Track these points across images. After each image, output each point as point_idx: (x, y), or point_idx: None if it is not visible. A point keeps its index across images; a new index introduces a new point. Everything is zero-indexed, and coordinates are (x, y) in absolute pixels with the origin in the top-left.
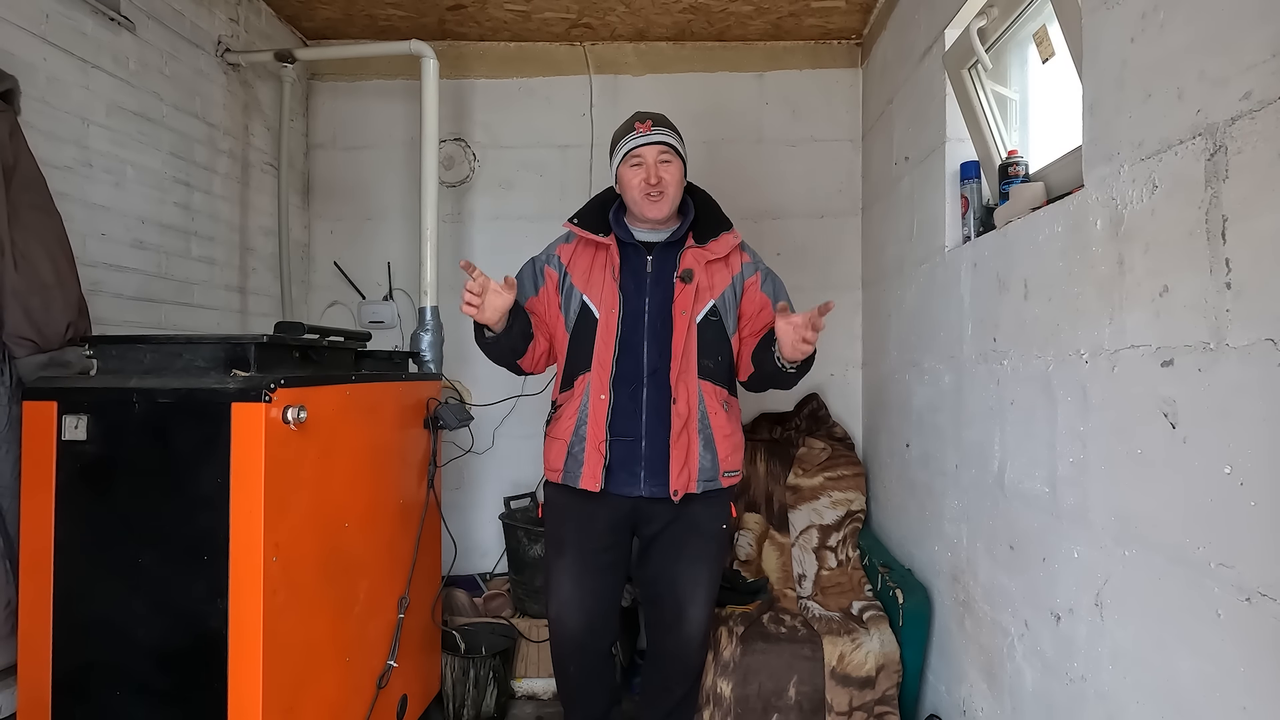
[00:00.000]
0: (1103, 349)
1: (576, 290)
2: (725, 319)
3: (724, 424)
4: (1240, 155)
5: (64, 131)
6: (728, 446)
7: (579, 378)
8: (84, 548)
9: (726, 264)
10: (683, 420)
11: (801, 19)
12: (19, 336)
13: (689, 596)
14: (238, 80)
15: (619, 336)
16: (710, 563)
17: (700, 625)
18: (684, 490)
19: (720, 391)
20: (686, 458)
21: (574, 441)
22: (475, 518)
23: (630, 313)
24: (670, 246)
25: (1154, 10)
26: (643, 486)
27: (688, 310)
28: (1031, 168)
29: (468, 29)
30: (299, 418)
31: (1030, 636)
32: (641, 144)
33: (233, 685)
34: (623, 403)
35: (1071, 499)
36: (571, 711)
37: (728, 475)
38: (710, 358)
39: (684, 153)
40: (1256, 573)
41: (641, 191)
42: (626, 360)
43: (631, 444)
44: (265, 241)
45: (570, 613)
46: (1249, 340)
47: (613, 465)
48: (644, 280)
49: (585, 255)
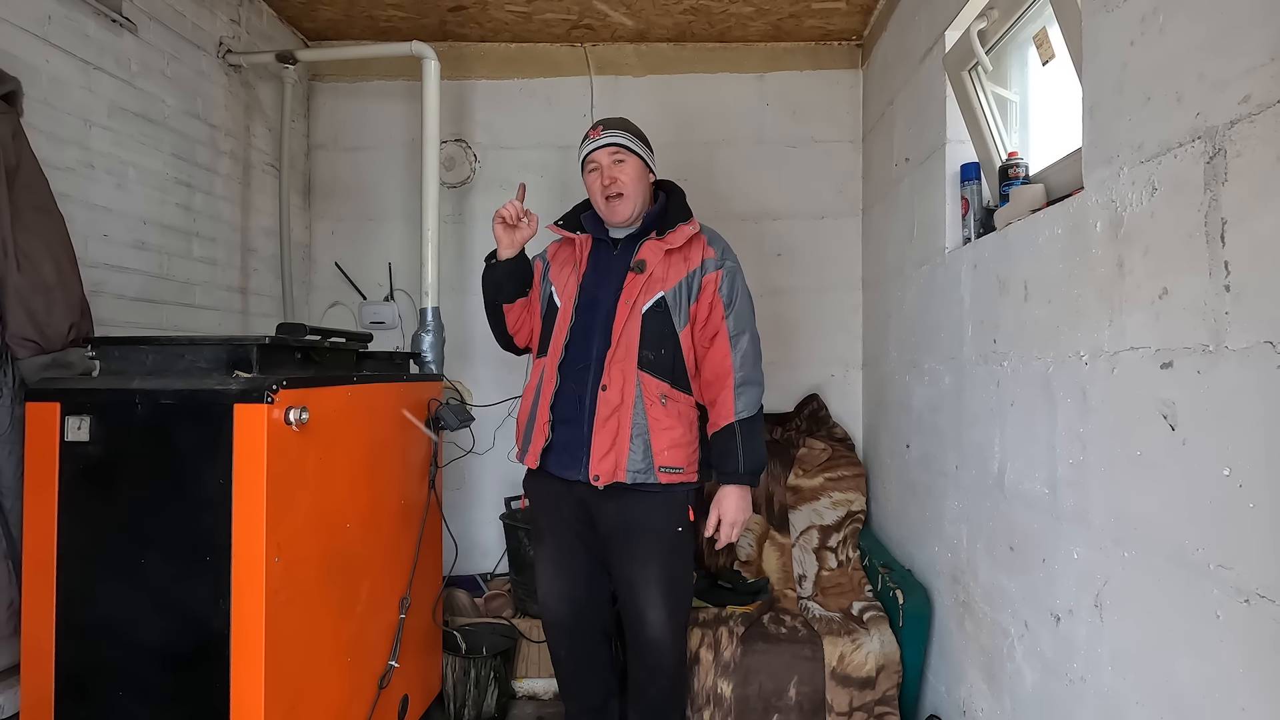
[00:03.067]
0: (1102, 351)
1: (549, 282)
2: (674, 313)
3: (662, 417)
4: (1240, 158)
5: (66, 133)
6: (664, 441)
7: (537, 362)
8: (87, 548)
9: (685, 257)
10: (612, 407)
11: (802, 20)
12: (21, 337)
13: (644, 598)
14: (239, 81)
15: (572, 324)
16: (663, 565)
17: (660, 626)
18: (607, 478)
19: (661, 385)
20: (613, 445)
21: (529, 421)
22: (476, 518)
23: (587, 303)
24: (633, 239)
25: (1154, 13)
26: (582, 471)
27: (632, 299)
28: (1031, 169)
29: (468, 30)
30: (301, 419)
31: (1030, 637)
32: (593, 149)
33: (235, 685)
34: (568, 387)
35: (1071, 500)
36: (569, 700)
37: (665, 471)
38: (652, 349)
39: (640, 149)
40: (1255, 574)
41: (601, 195)
42: (576, 347)
43: (575, 427)
44: (266, 242)
45: (553, 599)
46: (1248, 342)
47: (555, 447)
48: (608, 273)
49: (563, 252)
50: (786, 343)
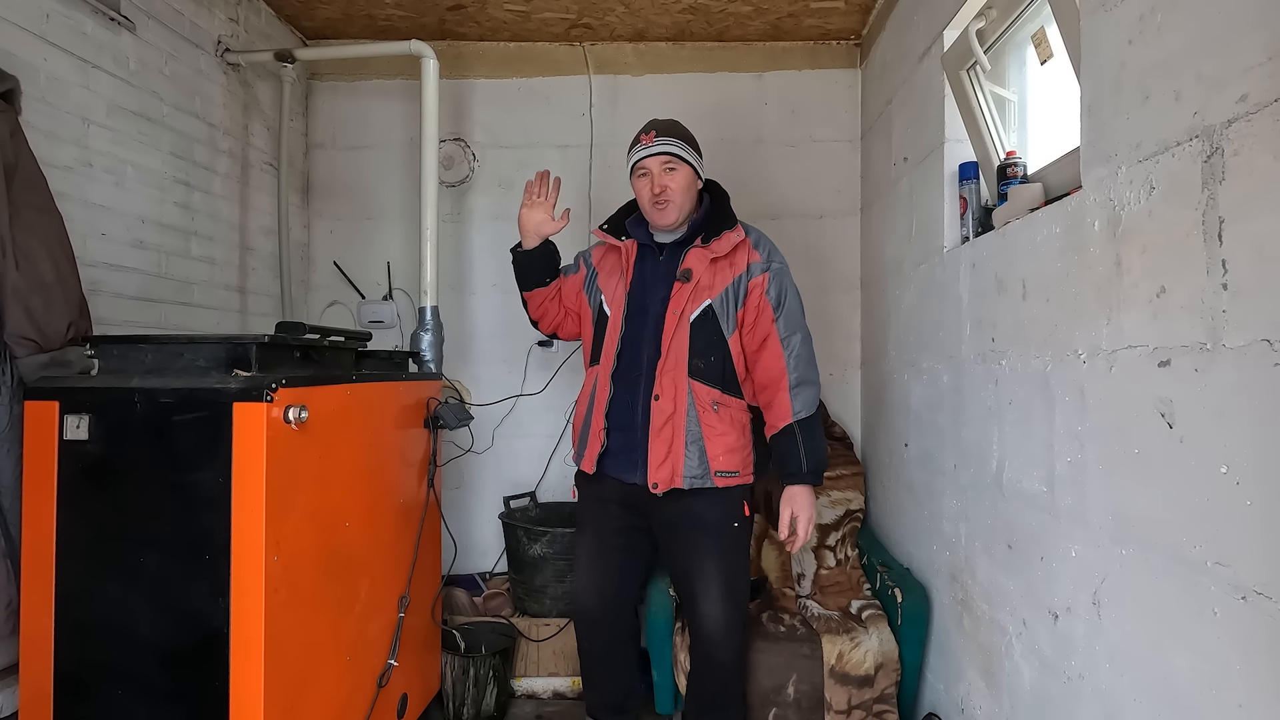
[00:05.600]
0: (1100, 349)
1: (599, 290)
2: (721, 319)
3: (715, 423)
4: (1237, 157)
5: (64, 131)
6: (719, 447)
7: (590, 370)
8: (86, 547)
9: (730, 263)
10: (665, 416)
11: (800, 19)
12: (20, 336)
13: (700, 591)
14: (237, 80)
15: (622, 333)
16: (719, 559)
17: (716, 620)
18: (665, 485)
19: (712, 392)
20: (669, 453)
21: (584, 428)
22: (475, 517)
23: (636, 310)
24: (679, 246)
25: (1151, 13)
26: (639, 475)
27: (680, 309)
28: (1030, 169)
29: (467, 29)
30: (300, 417)
31: (1028, 635)
32: (645, 156)
33: (234, 684)
34: (622, 395)
35: (1069, 498)
36: (591, 689)
37: (721, 475)
38: (701, 357)
39: (691, 157)
40: (1252, 571)
41: (649, 201)
42: (628, 355)
43: (629, 433)
44: (265, 241)
45: (585, 592)
46: (1245, 341)
47: (611, 451)
48: (654, 280)
49: (609, 258)
50: None
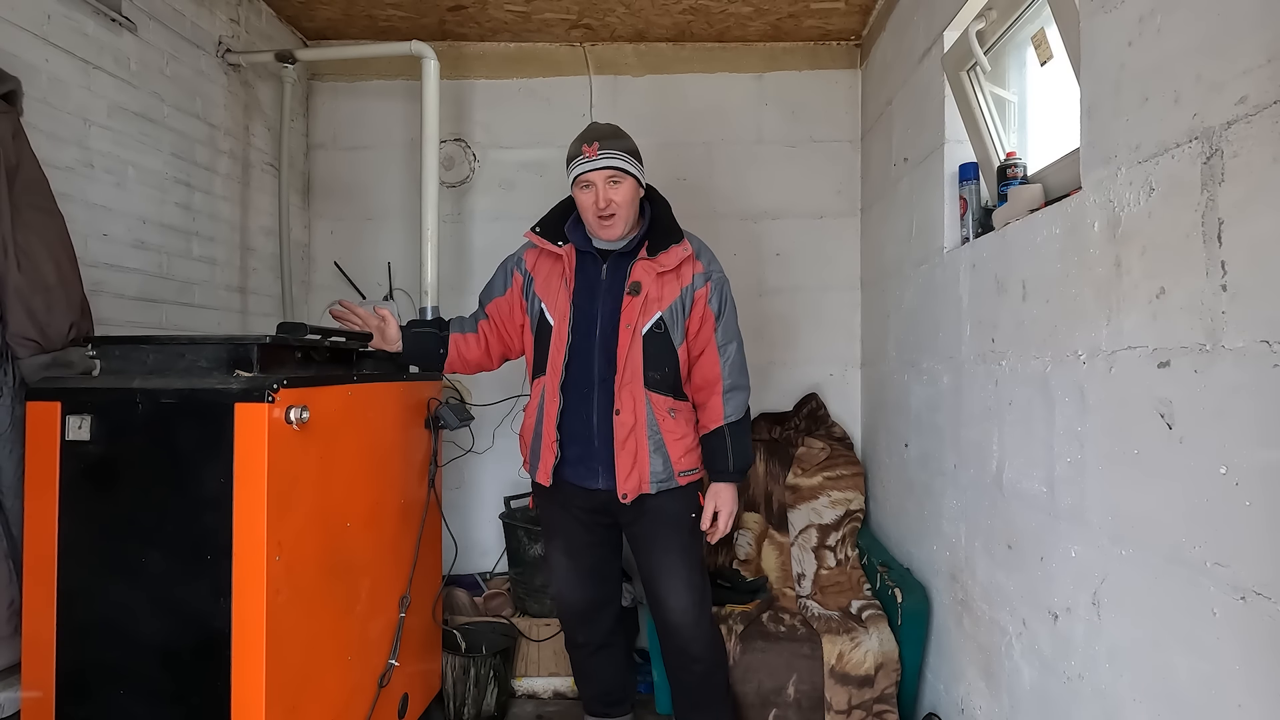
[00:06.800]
0: (1100, 350)
1: (537, 297)
2: (672, 331)
3: (674, 428)
4: (1236, 159)
5: (66, 132)
6: (680, 449)
7: (536, 381)
8: (87, 548)
9: (677, 275)
10: (628, 429)
11: (801, 20)
12: (22, 337)
13: (665, 585)
14: (238, 81)
15: (569, 344)
16: (682, 552)
17: (683, 612)
18: (634, 493)
19: (667, 400)
20: (635, 463)
21: (534, 440)
22: (475, 517)
23: (582, 320)
24: (623, 256)
25: (1151, 14)
26: (600, 481)
27: (633, 323)
28: (1030, 170)
29: (468, 30)
30: (301, 418)
31: (1028, 635)
32: (588, 169)
33: (236, 684)
34: (574, 405)
35: (1069, 498)
36: (585, 684)
37: (684, 474)
38: (656, 369)
39: (635, 169)
40: (1251, 572)
41: (593, 214)
42: (577, 366)
43: (584, 444)
44: (266, 242)
45: (568, 588)
46: (1244, 342)
47: (569, 461)
48: (598, 289)
49: (546, 263)
50: (785, 342)
